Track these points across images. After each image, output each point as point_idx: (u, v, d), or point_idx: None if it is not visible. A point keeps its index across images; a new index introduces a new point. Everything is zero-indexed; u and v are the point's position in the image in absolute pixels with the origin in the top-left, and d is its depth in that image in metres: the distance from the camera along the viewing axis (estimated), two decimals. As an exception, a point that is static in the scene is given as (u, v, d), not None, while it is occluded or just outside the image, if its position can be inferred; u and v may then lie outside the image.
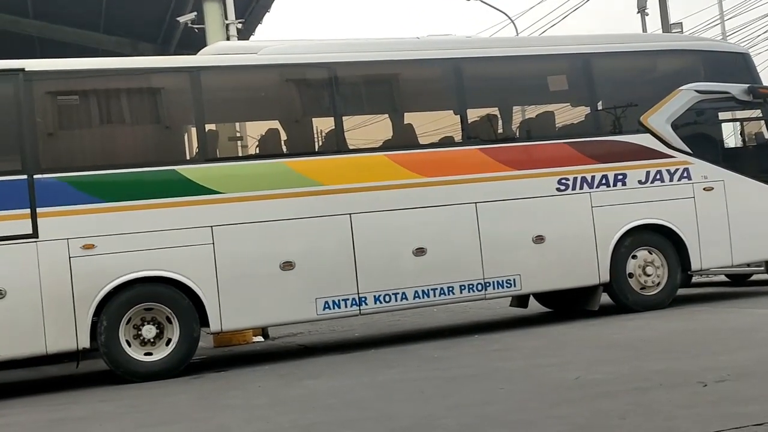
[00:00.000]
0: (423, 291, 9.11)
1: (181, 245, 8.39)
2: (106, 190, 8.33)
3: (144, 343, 8.27)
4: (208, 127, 9.13)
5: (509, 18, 24.39)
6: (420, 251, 9.12)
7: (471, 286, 9.28)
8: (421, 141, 9.80)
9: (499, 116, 10.29)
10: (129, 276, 8.20)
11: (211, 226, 8.51)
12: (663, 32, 19.79)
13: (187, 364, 8.42)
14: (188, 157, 9.24)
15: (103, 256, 8.15)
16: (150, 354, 8.27)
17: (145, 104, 9.36)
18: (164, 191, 8.48)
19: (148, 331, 8.27)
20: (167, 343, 8.32)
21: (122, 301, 8.20)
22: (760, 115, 10.87)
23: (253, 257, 8.63)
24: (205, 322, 8.49)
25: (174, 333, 8.32)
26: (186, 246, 8.41)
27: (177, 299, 8.36)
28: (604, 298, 10.07)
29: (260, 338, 11.62)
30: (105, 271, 8.14)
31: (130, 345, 8.21)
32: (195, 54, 9.94)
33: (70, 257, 8.07)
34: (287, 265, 8.70)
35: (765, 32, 40.78)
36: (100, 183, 8.33)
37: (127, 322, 8.22)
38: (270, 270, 8.65)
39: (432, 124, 10.27)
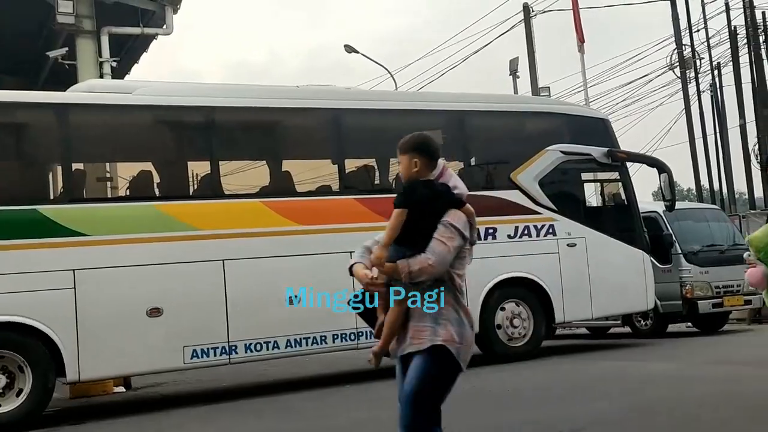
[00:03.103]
0: (295, 340, 8.99)
1: (39, 289, 7.91)
2: (-42, 228, 7.79)
3: (-9, 393, 7.67)
4: (75, 166, 8.76)
5: (389, 72, 24.97)
6: (294, 299, 9.00)
7: (344, 336, 9.24)
8: (299, 189, 9.78)
9: (376, 167, 10.43)
10: (-22, 321, 7.63)
11: (73, 270, 8.09)
12: (532, 95, 20.82)
13: (39, 416, 7.88)
14: (52, 197, 8.81)
15: (-49, 300, 7.57)
16: (-3, 405, 7.68)
17: (7, 140, 8.88)
18: (24, 231, 8.00)
19: (-4, 380, 7.69)
20: (18, 394, 7.76)
21: (-31, 348, 7.61)
22: (618, 177, 11.53)
23: (118, 303, 8.25)
24: (62, 372, 8.00)
25: (26, 383, 7.78)
26: (44, 290, 7.93)
27: (31, 347, 7.84)
28: (473, 348, 10.25)
29: (122, 388, 11.05)
30: (-48, 316, 7.55)
31: (-26, 396, 7.61)
32: (65, 90, 9.57)
33: None
34: (154, 312, 8.37)
35: (623, 100, 43.76)
36: (-49, 220, 7.78)
37: (-26, 371, 7.63)
38: (135, 316, 8.29)
39: (310, 172, 10.29)
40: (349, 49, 23.95)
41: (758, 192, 21.66)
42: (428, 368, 3.36)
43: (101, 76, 12.01)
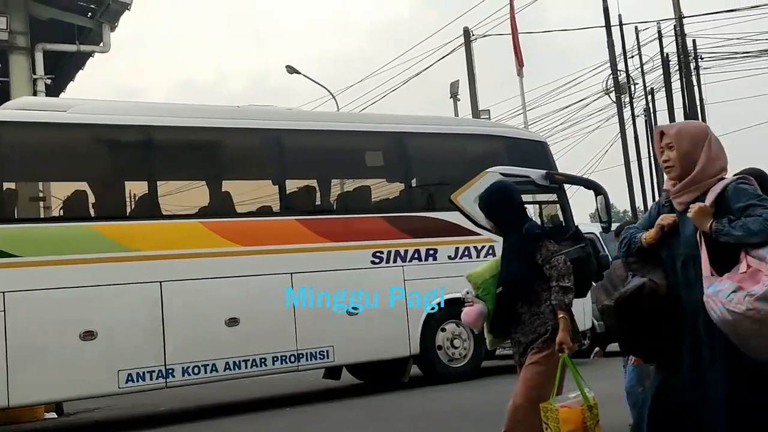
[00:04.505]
0: (234, 363, 8.85)
1: (-33, 312, 7.64)
2: None
3: None
4: (6, 185, 8.51)
5: (330, 93, 25.00)
6: (233, 321, 8.89)
7: (284, 358, 9.14)
8: (238, 209, 9.68)
9: (317, 188, 10.41)
10: None
11: (3, 292, 7.84)
12: (473, 117, 21.10)
13: (-36, 445, 7.58)
14: (-19, 217, 8.53)
15: None
16: None
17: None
18: (-50, 253, 7.74)
19: None
20: (-58, 422, 7.45)
21: None
22: (556, 199, 11.72)
23: (50, 326, 8.02)
24: (-11, 398, 7.71)
25: (-49, 410, 7.48)
26: (-28, 313, 7.66)
27: (-43, 372, 7.55)
28: (414, 369, 10.27)
29: (53, 414, 10.71)
30: None
31: None
32: (-4, 108, 9.31)
33: None
34: (88, 335, 8.16)
35: (561, 123, 44.73)
36: None
37: None
38: (68, 340, 8.06)
39: (250, 192, 10.20)
40: (291, 69, 23.91)
41: (690, 213, 22.32)
42: None
43: (35, 94, 11.78)
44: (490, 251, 10.66)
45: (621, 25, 22.15)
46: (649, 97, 23.18)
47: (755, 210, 3.06)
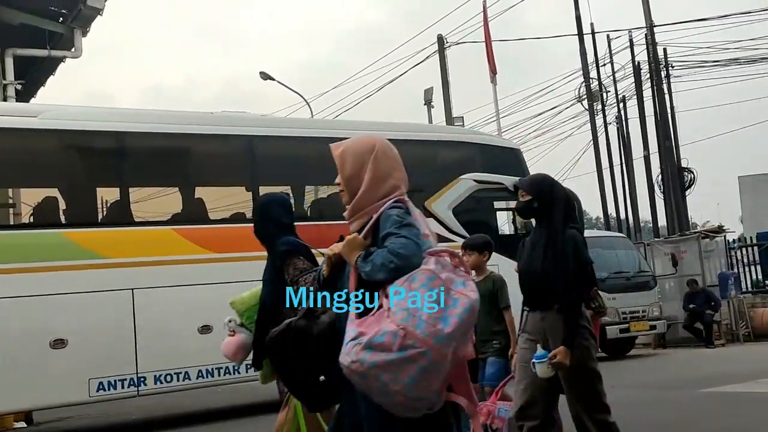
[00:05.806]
0: (207, 370, 8.80)
1: (-66, 320, 7.53)
2: None
3: None
4: (-25, 192, 8.40)
5: (304, 100, 24.99)
6: (205, 329, 8.83)
7: (257, 365, 9.09)
8: (211, 216, 9.63)
9: (290, 194, 10.37)
10: None
11: (-29, 300, 7.73)
12: (446, 124, 21.17)
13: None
14: (-51, 223, 8.42)
15: None
16: None
17: None
18: None
19: None
20: None
21: None
22: (529, 205, 11.80)
23: (19, 334, 7.93)
24: (-44, 408, 7.59)
25: None
26: (-61, 321, 7.55)
27: (-77, 382, 7.43)
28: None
29: (22, 424, 10.55)
30: None
31: None
32: (-35, 113, 9.18)
33: None
34: (58, 343, 8.06)
35: (534, 130, 44.95)
36: None
37: None
38: (38, 348, 7.97)
39: (223, 199, 10.16)
40: (265, 75, 23.86)
41: (662, 221, 22.56)
42: None
43: (5, 99, 11.66)
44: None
45: (593, 33, 22.38)
46: (621, 104, 23.40)
47: (389, 240, 2.57)
